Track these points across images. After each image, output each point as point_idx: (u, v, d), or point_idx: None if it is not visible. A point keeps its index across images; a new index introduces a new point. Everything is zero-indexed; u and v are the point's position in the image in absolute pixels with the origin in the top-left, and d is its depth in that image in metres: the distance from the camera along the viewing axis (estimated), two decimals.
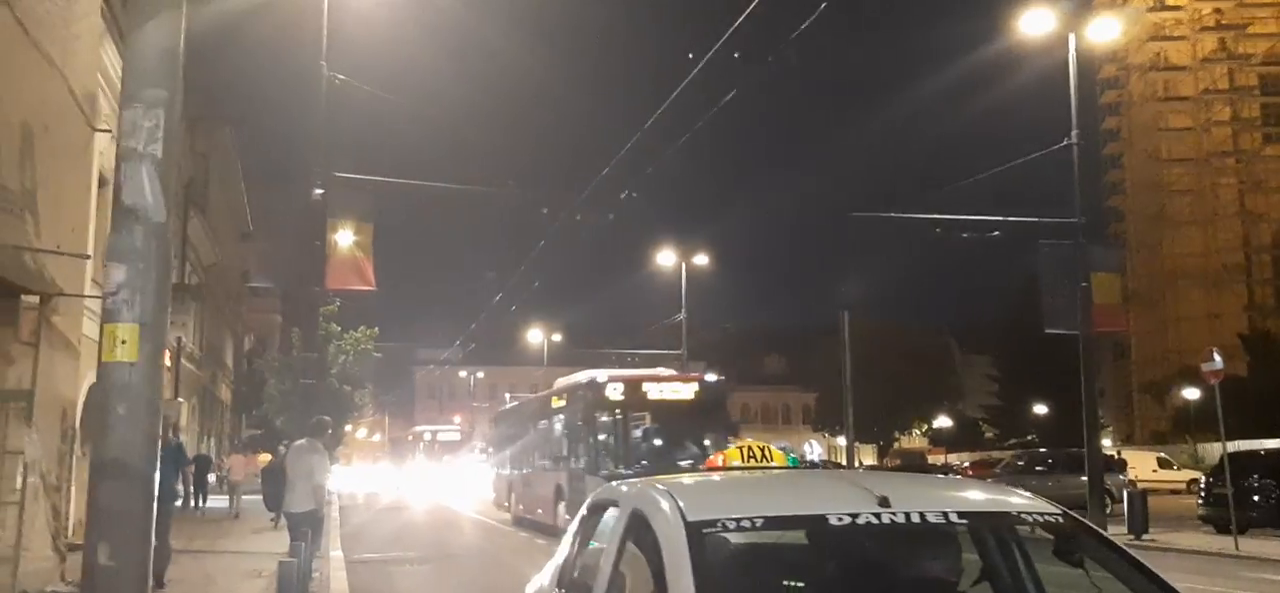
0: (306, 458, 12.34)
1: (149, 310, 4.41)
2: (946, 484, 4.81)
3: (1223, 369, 20.42)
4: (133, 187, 4.40)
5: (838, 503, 3.55)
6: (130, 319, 4.33)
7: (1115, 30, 27.54)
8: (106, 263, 4.43)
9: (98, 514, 4.30)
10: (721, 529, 3.44)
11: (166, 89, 4.50)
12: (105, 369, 4.36)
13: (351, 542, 20.60)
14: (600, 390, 21.31)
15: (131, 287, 4.38)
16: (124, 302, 4.38)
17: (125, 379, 4.35)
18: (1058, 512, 3.76)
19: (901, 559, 3.70)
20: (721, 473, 4.43)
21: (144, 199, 4.39)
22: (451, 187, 23.89)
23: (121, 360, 4.31)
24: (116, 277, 4.38)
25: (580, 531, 4.62)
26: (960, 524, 3.67)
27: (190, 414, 39.71)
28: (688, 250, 46.49)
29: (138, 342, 4.33)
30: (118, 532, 4.20)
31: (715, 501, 3.82)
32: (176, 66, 4.58)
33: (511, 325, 78.22)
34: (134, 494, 4.27)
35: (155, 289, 4.44)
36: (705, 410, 21.57)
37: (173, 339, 30.56)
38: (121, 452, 4.24)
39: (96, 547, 4.16)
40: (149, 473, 4.32)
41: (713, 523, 3.44)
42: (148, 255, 4.46)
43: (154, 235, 4.46)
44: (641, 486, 4.09)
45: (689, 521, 3.42)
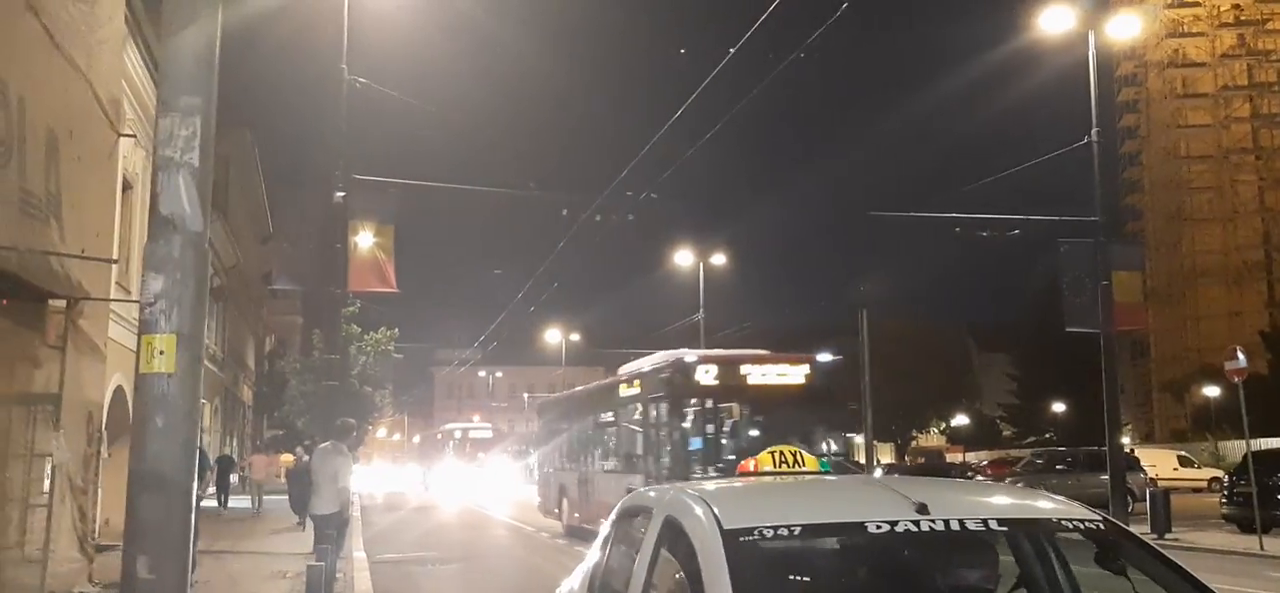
0: (332, 461, 12.42)
1: (186, 321, 4.34)
2: (984, 490, 4.78)
3: (1246, 367, 20.28)
4: (170, 195, 4.35)
5: (876, 510, 3.52)
6: (168, 330, 4.26)
7: (1135, 27, 27.46)
8: (144, 272, 4.36)
9: (136, 527, 4.19)
10: (758, 537, 3.40)
11: (202, 96, 4.44)
12: (143, 380, 4.27)
13: (378, 543, 20.69)
14: (688, 374, 17.85)
15: (169, 297, 4.31)
16: (162, 312, 4.30)
17: (163, 390, 4.27)
18: (1099, 518, 3.72)
19: (940, 567, 3.68)
20: (754, 479, 4.42)
21: (181, 208, 4.34)
22: (471, 188, 23.95)
23: (159, 371, 4.24)
24: (154, 286, 4.32)
25: (611, 537, 4.60)
26: (1000, 531, 3.63)
27: (213, 416, 39.98)
28: (706, 250, 46.41)
29: (175, 352, 4.26)
30: (156, 544, 4.11)
31: (751, 507, 3.78)
32: (212, 74, 4.52)
33: (530, 326, 78.28)
34: (172, 506, 4.19)
35: (193, 299, 4.38)
36: (816, 399, 18.08)
37: None
38: (159, 464, 4.15)
39: (135, 559, 4.07)
40: (187, 485, 4.25)
41: (749, 531, 3.41)
42: (185, 265, 4.38)
43: (191, 245, 4.39)
44: (674, 491, 4.07)
45: (725, 528, 3.40)
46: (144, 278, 4.35)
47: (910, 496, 3.56)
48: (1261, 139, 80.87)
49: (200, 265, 4.41)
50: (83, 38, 10.62)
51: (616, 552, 4.45)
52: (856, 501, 3.87)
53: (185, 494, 4.23)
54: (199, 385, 4.38)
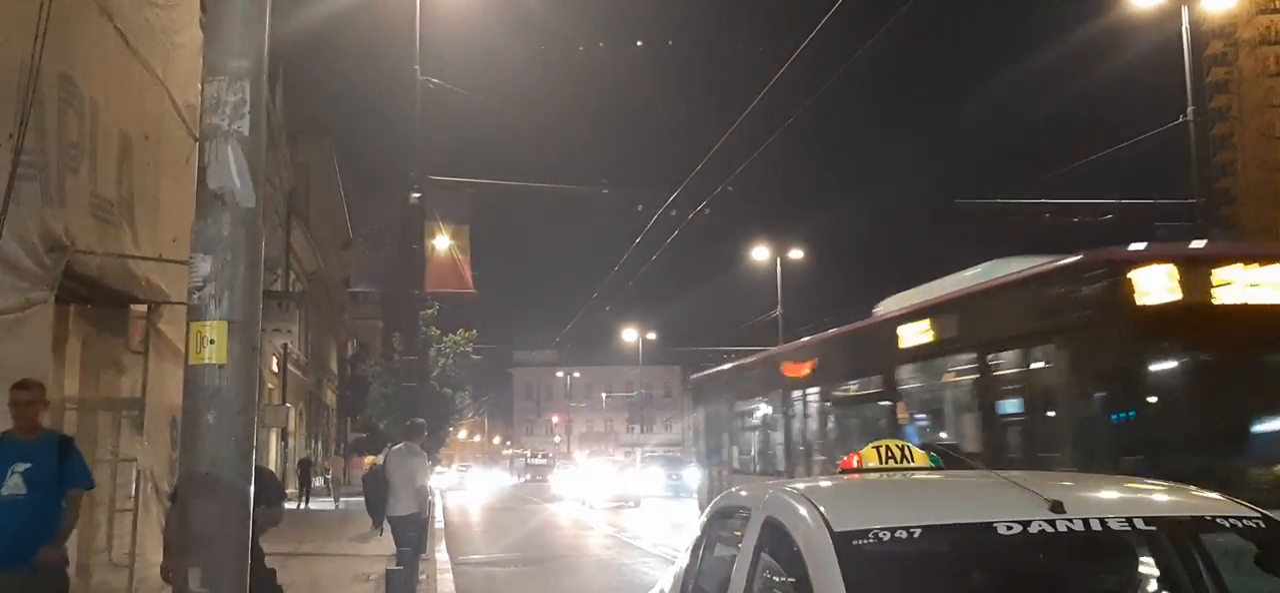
0: (407, 462, 12.35)
1: (239, 306, 3.93)
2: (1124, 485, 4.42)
3: None
4: (218, 168, 4.01)
5: (1004, 509, 3.21)
6: (217, 316, 3.86)
7: (1228, 2, 26.28)
8: (191, 254, 4.05)
9: (188, 535, 3.87)
10: (873, 540, 3.13)
11: (251, 60, 4.09)
12: (192, 372, 3.91)
13: (462, 546, 20.68)
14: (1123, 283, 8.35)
15: (218, 280, 3.89)
16: (211, 297, 3.88)
17: (215, 383, 3.87)
18: (1257, 515, 3.36)
19: (1077, 571, 3.36)
20: (860, 477, 4.08)
21: (231, 182, 4.01)
22: (546, 186, 23.88)
23: (210, 363, 3.87)
24: (202, 269, 3.95)
25: (704, 539, 4.33)
26: (1146, 531, 3.32)
27: (297, 419, 40.61)
28: (784, 245, 45.88)
29: (226, 341, 3.88)
30: (210, 554, 3.78)
31: (861, 508, 3.50)
32: (262, 35, 4.19)
33: (607, 325, 78.44)
34: (227, 512, 3.83)
35: (245, 282, 3.96)
36: None
37: (279, 346, 31.27)
38: (212, 466, 3.80)
39: (186, 571, 3.80)
40: (244, 488, 3.92)
41: (863, 533, 3.14)
42: (236, 244, 3.98)
43: (243, 222, 4.01)
44: (774, 491, 3.80)
45: (835, 531, 3.15)
46: (191, 260, 4.04)
47: (1043, 493, 3.23)
48: None
49: (253, 245, 4.04)
50: (159, 42, 10.64)
51: (709, 556, 4.17)
52: (983, 499, 3.54)
53: (242, 499, 3.92)
54: (254, 378, 4.07)
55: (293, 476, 34.36)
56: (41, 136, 7.64)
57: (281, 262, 32.85)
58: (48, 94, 7.73)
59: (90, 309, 10.45)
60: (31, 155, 7.45)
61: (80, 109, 8.37)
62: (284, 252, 33.31)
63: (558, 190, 30.09)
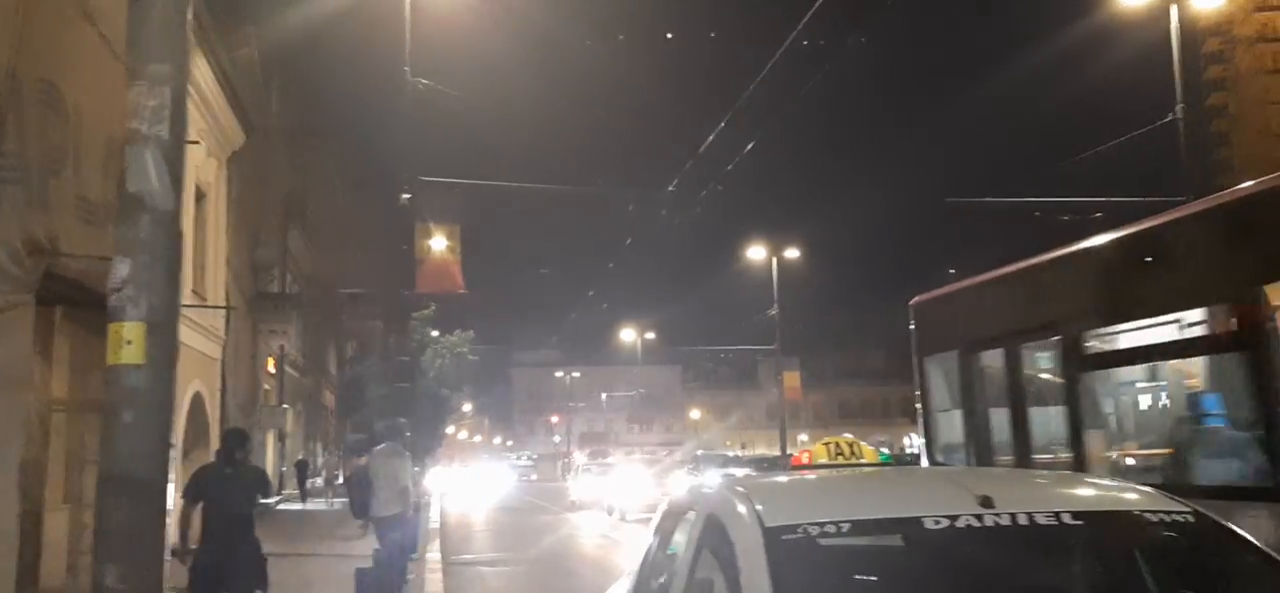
0: (390, 462, 12.44)
1: (158, 307, 4.04)
2: (1058, 481, 4.45)
3: None
4: (137, 171, 4.11)
5: (934, 504, 3.28)
6: (136, 317, 3.97)
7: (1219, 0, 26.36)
8: (113, 256, 4.16)
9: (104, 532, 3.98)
10: (803, 535, 3.18)
11: (172, 63, 4.20)
12: (110, 372, 4.04)
13: (458, 545, 20.74)
14: None
15: (137, 283, 4.01)
16: (129, 298, 4.01)
17: (132, 383, 3.97)
18: (1189, 510, 3.39)
19: (1008, 566, 3.36)
20: (807, 472, 4.15)
21: (149, 185, 4.11)
22: (538, 186, 23.91)
23: (127, 363, 4.00)
24: (121, 271, 4.07)
25: (658, 537, 4.39)
26: (1074, 526, 3.33)
27: (295, 420, 40.70)
28: (780, 243, 46.00)
29: (144, 341, 4.00)
30: (127, 551, 3.89)
31: (797, 503, 3.57)
32: (183, 38, 4.29)
33: (605, 325, 78.61)
34: (144, 510, 3.94)
35: (164, 284, 4.07)
36: None
37: (276, 347, 31.37)
38: (130, 464, 3.92)
39: (104, 567, 3.87)
40: (160, 485, 4.02)
41: (793, 528, 3.19)
42: (154, 247, 4.07)
43: (162, 225, 4.11)
44: (719, 488, 3.87)
45: (767, 525, 3.20)
46: (112, 262, 4.14)
47: (974, 488, 3.28)
48: None
49: (172, 247, 4.14)
50: None
51: (661, 555, 4.23)
52: (914, 494, 3.62)
53: (159, 496, 4.01)
54: (173, 378, 4.17)
55: (290, 476, 34.47)
56: (22, 140, 7.72)
57: (278, 263, 32.93)
58: (29, 98, 7.80)
59: (77, 312, 10.52)
60: (12, 159, 7.52)
61: (63, 113, 8.43)
62: (281, 254, 33.39)
63: (551, 190, 30.13)
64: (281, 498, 31.19)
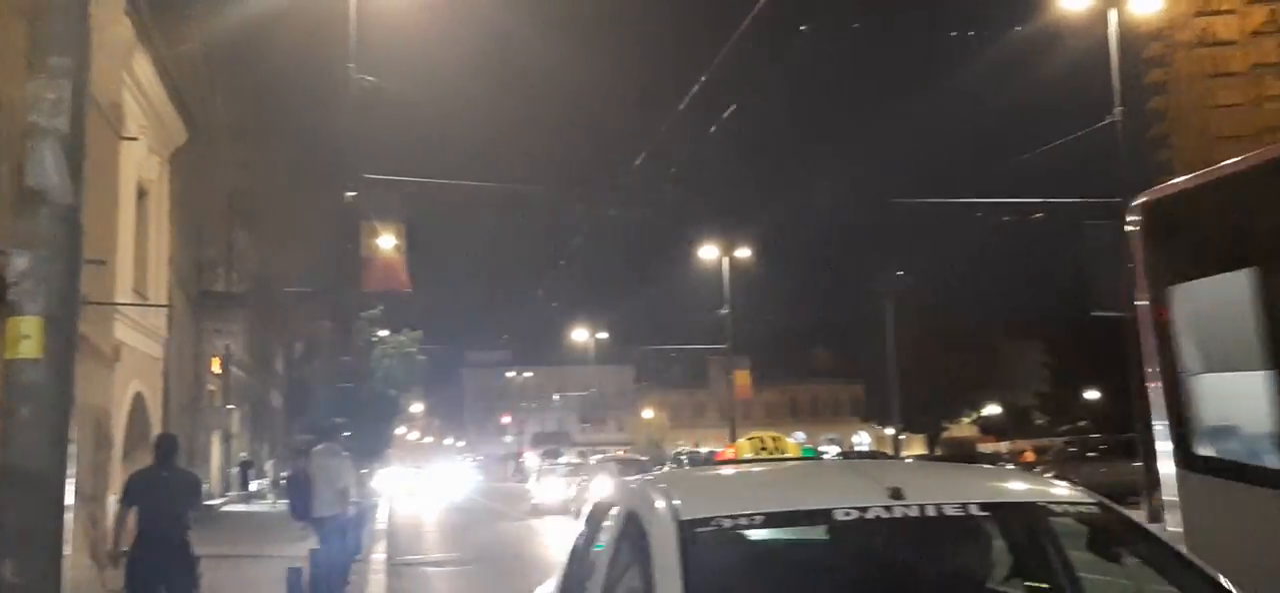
0: (328, 462, 12.35)
1: (56, 302, 4.07)
2: (968, 473, 4.56)
3: None
4: (36, 165, 4.12)
5: (845, 496, 3.33)
6: (34, 311, 4.00)
7: (1158, 3, 26.89)
8: (12, 251, 4.16)
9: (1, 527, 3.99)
10: (716, 528, 3.24)
11: (72, 57, 4.19)
12: (7, 367, 4.08)
13: (406, 545, 20.62)
14: None
15: (35, 276, 4.04)
16: (27, 293, 4.05)
17: (29, 378, 4.00)
18: (1093, 501, 3.51)
19: (919, 555, 3.47)
20: (729, 467, 4.21)
21: (48, 179, 4.11)
22: (486, 185, 23.87)
23: (25, 357, 4.01)
24: (19, 265, 4.10)
25: (586, 533, 4.42)
26: (982, 516, 3.42)
27: (241, 421, 40.21)
28: (730, 243, 46.23)
29: (42, 336, 4.01)
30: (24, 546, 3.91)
31: (713, 497, 3.62)
32: (84, 31, 4.28)
33: (558, 325, 78.51)
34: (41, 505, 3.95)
35: (63, 279, 4.10)
36: None
37: (221, 347, 30.97)
38: (25, 459, 3.93)
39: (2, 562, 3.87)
40: (60, 481, 4.04)
41: (707, 521, 3.24)
42: (54, 241, 4.10)
43: (61, 220, 4.12)
44: (640, 483, 3.91)
45: (682, 519, 3.23)
46: (11, 256, 4.14)
47: (884, 480, 3.35)
48: None
49: (71, 241, 4.15)
50: None
51: (587, 550, 4.27)
52: (827, 487, 3.65)
53: (57, 492, 4.01)
54: (71, 374, 4.17)
55: (235, 478, 34.06)
56: None
57: (222, 262, 32.51)
58: None
59: None
60: None
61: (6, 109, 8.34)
62: (226, 253, 32.96)
63: (501, 189, 30.05)
64: (227, 499, 30.82)
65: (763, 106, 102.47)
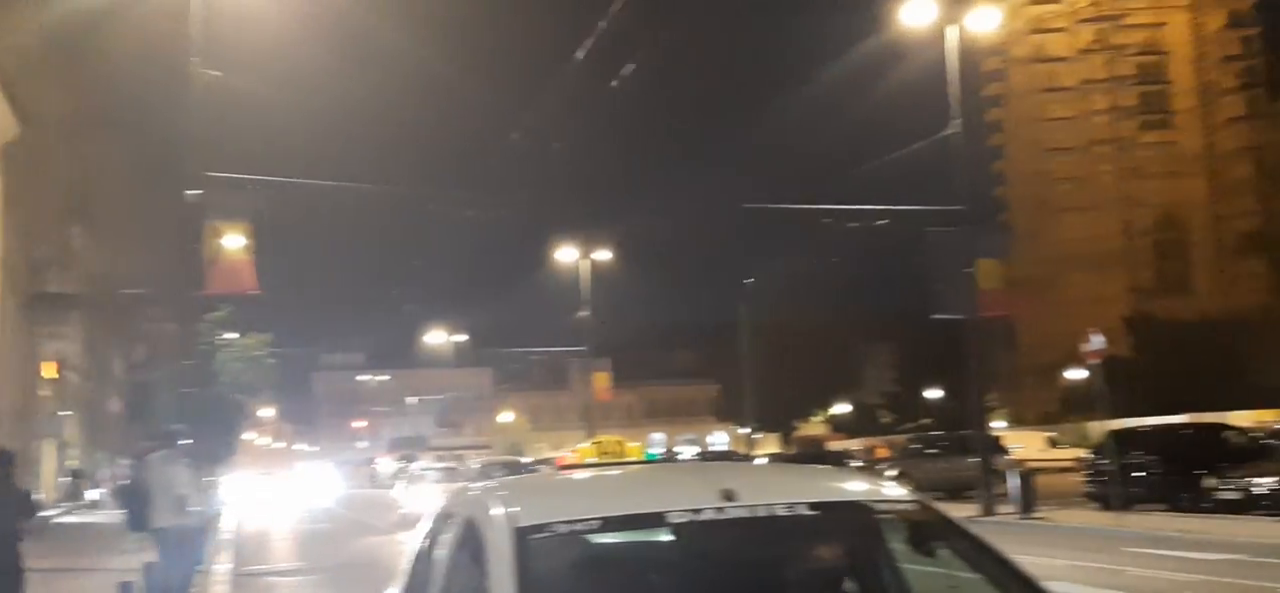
0: (165, 470, 11.89)
1: None
2: (799, 474, 4.74)
3: (1102, 349, 21.16)
4: None
5: (680, 498, 3.41)
6: None
7: (995, 21, 28.20)
8: None
9: None
10: (551, 533, 3.29)
11: None
12: None
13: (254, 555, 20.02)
14: None
15: None
16: None
17: None
18: (913, 500, 3.71)
19: (751, 555, 3.57)
20: (569, 473, 4.29)
21: None
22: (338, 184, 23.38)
23: None
24: None
25: (428, 541, 4.32)
26: (811, 515, 3.54)
27: (78, 428, 38.31)
28: (590, 245, 46.38)
29: None
30: None
31: (550, 503, 3.66)
32: None
33: (414, 328, 77.24)
34: None
35: None
36: None
37: (54, 351, 29.48)
38: None
39: None
40: None
41: (542, 527, 3.29)
42: None
43: None
44: (480, 491, 3.93)
45: (518, 526, 3.28)
46: None
47: (719, 482, 3.47)
48: (1120, 131, 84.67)
49: None
50: None
51: (428, 558, 4.20)
52: (662, 489, 3.75)
53: None
54: None
55: (68, 488, 32.45)
56: None
57: (58, 262, 30.95)
58: None
59: None
60: None
61: None
62: (61, 251, 31.39)
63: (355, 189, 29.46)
64: (62, 510, 29.34)
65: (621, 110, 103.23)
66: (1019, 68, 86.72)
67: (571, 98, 35.42)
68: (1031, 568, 3.59)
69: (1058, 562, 14.43)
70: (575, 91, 25.36)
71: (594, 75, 17.25)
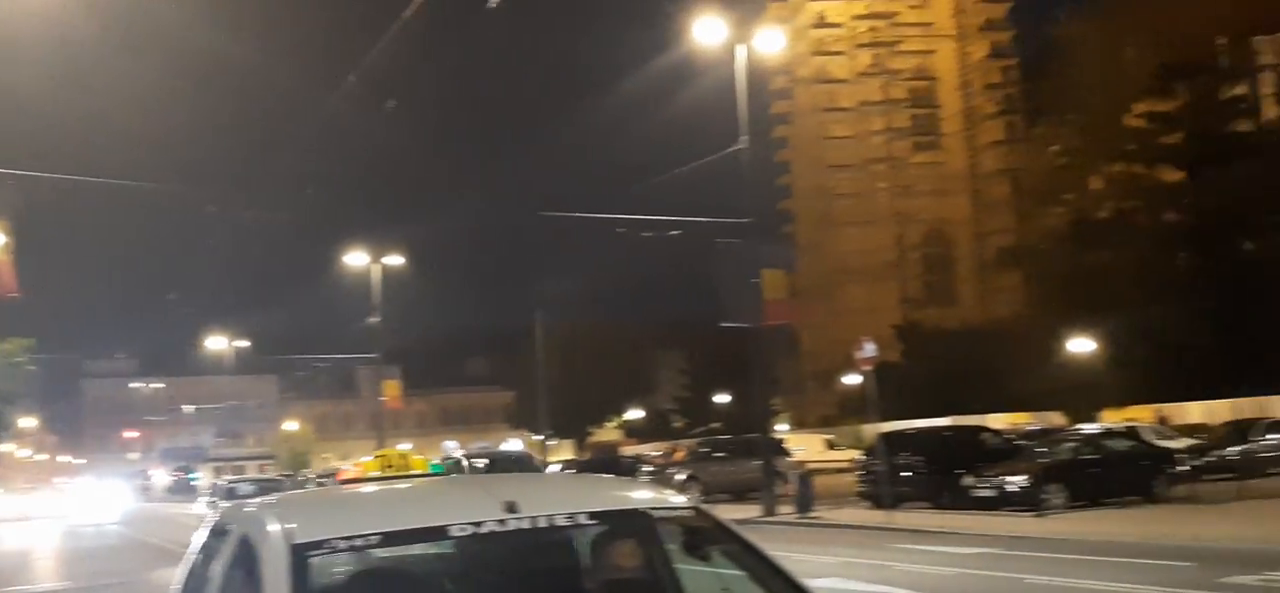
0: None
1: None
2: (581, 484, 4.80)
3: (873, 356, 22.49)
4: None
5: (462, 512, 3.38)
6: None
7: (780, 42, 29.43)
8: None
9: None
10: (330, 551, 3.20)
11: None
12: None
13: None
14: None
15: None
16: None
17: None
18: (689, 507, 3.81)
19: (533, 566, 3.62)
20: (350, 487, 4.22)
21: None
22: (107, 181, 22.07)
23: None
24: None
25: (202, 557, 4.16)
26: (592, 525, 3.62)
27: None
28: (382, 250, 45.37)
29: None
30: None
31: (329, 518, 3.53)
32: None
33: (193, 333, 73.34)
34: None
35: None
36: None
37: None
38: None
39: None
40: None
41: (320, 544, 3.20)
42: None
43: None
44: (256, 507, 3.79)
45: (294, 543, 3.19)
46: None
47: (501, 495, 3.46)
48: (894, 150, 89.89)
49: None
50: None
51: (199, 578, 4.04)
52: (444, 503, 3.71)
53: None
54: None
55: None
56: None
57: None
58: None
59: None
60: None
61: None
62: None
63: (129, 188, 27.82)
64: None
65: (416, 114, 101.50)
66: (803, 87, 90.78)
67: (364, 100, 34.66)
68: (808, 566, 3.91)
69: (831, 559, 15.27)
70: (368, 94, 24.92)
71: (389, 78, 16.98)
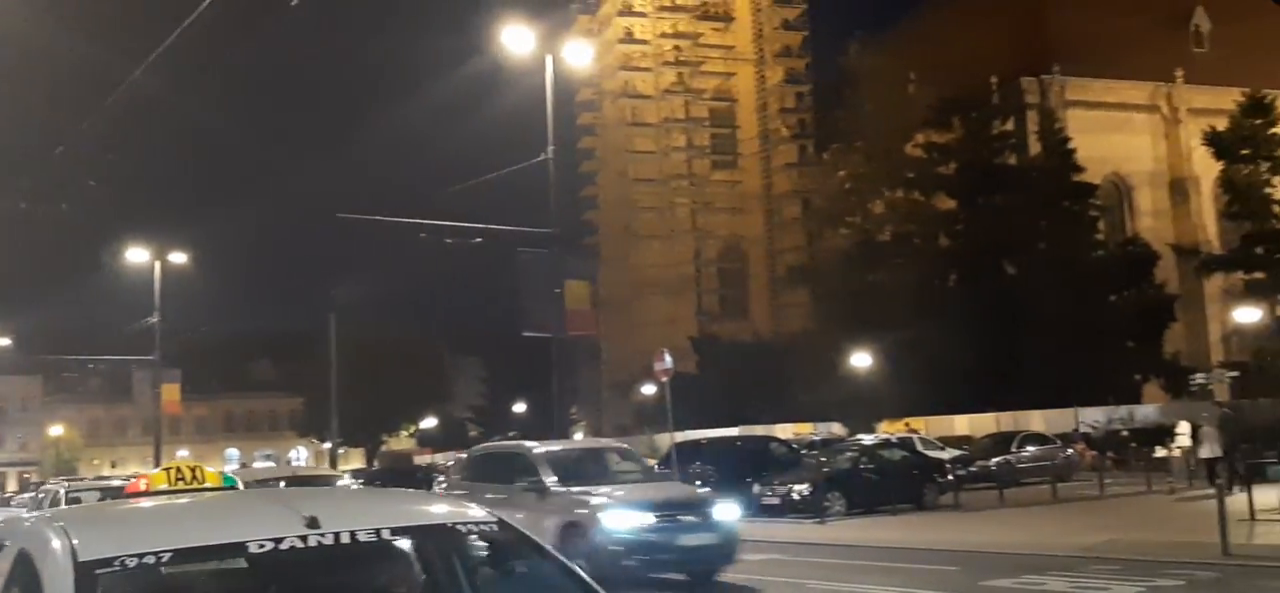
0: None
1: None
2: (384, 498, 4.70)
3: (670, 368, 23.01)
4: None
5: (260, 527, 3.29)
6: None
7: (588, 56, 29.75)
8: None
9: None
10: (120, 568, 3.07)
11: None
12: None
13: None
14: None
15: None
16: None
17: None
18: (493, 521, 3.79)
19: (333, 583, 3.55)
20: (139, 500, 3.96)
21: None
22: None
23: None
24: None
25: None
26: (396, 541, 3.58)
27: None
28: (164, 247, 42.98)
29: None
30: None
31: (118, 534, 3.37)
32: None
33: None
34: None
35: None
36: None
37: None
38: None
39: None
40: None
41: (110, 562, 3.07)
42: None
43: None
44: (36, 521, 3.62)
45: (80, 560, 3.05)
46: None
47: (302, 509, 3.39)
48: (694, 167, 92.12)
49: None
50: None
51: None
52: (241, 518, 3.57)
53: None
54: None
55: None
56: None
57: None
58: None
59: None
60: None
61: None
62: None
63: None
64: None
65: (202, 108, 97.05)
66: (610, 101, 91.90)
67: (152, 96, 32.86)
68: None
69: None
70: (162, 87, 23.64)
71: (185, 72, 16.10)
